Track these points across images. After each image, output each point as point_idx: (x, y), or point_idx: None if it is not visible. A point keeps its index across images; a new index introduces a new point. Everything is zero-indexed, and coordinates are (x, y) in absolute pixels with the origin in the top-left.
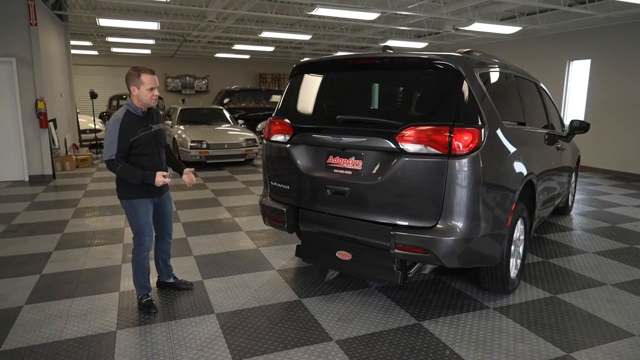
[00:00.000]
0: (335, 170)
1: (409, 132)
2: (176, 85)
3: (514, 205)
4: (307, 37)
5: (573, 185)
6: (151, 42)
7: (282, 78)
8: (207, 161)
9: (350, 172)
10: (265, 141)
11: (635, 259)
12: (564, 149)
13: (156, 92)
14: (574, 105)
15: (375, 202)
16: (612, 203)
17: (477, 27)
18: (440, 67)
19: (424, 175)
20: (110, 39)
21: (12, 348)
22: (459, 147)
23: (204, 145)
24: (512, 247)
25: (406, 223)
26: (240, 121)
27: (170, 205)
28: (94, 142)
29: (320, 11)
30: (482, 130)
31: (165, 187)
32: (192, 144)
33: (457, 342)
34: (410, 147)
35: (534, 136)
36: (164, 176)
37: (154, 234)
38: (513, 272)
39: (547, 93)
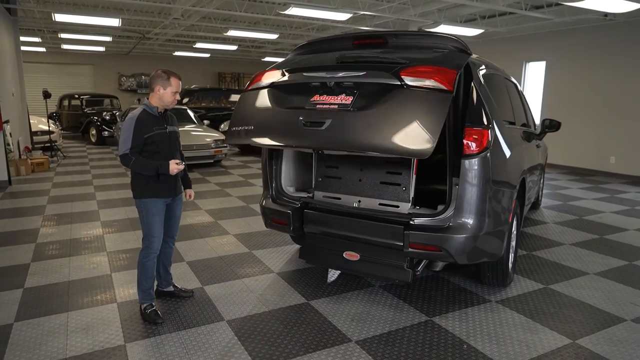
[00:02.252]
0: (318, 106)
1: (414, 68)
2: (131, 85)
3: (514, 202)
4: (274, 37)
5: (542, 181)
6: (108, 39)
7: (242, 77)
8: None
9: (336, 107)
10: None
11: (608, 249)
12: (541, 147)
13: (178, 96)
14: (531, 105)
15: (360, 132)
16: (573, 197)
17: (442, 29)
18: (452, 46)
19: (423, 105)
20: (63, 35)
21: None
22: (469, 146)
23: None
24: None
25: (393, 154)
26: (205, 121)
27: (180, 209)
28: (48, 145)
29: (293, 11)
30: (489, 130)
31: (178, 188)
32: None
33: (471, 336)
34: (414, 82)
35: (522, 135)
36: (177, 164)
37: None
38: (509, 266)
39: (522, 93)
